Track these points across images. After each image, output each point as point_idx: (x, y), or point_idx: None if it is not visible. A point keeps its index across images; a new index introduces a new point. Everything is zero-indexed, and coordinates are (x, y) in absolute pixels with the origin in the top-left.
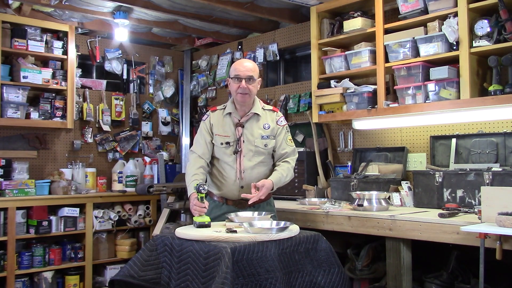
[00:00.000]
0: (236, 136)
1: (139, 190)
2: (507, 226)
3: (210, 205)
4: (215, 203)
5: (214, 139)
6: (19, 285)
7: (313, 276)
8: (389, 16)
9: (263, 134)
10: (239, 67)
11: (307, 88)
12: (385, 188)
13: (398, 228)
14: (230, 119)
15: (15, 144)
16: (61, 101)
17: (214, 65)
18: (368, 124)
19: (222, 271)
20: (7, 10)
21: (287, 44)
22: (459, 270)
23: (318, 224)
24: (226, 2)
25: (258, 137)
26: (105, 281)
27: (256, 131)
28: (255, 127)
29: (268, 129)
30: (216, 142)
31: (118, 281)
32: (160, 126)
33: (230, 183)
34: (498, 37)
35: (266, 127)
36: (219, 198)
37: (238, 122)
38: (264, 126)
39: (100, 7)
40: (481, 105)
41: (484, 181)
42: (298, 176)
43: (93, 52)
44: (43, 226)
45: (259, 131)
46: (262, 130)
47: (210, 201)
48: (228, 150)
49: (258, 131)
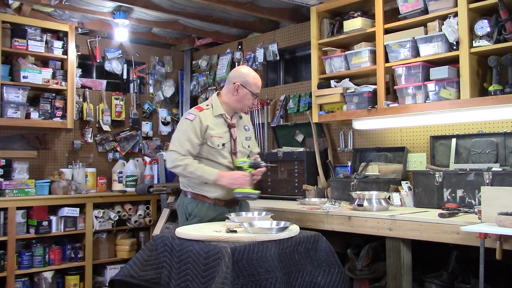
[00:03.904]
0: (232, 137)
1: (139, 190)
2: (507, 226)
3: (202, 208)
4: (207, 206)
5: (210, 141)
6: (19, 285)
7: (313, 276)
8: (389, 16)
9: (246, 136)
10: (259, 84)
11: (307, 88)
12: (385, 188)
13: (398, 228)
14: (222, 120)
15: (15, 144)
16: (61, 101)
17: (214, 65)
18: (368, 124)
19: (222, 271)
20: (7, 10)
21: (287, 44)
22: (459, 270)
23: (318, 224)
24: (226, 2)
25: (243, 138)
26: (105, 281)
27: (241, 133)
28: (240, 128)
29: (248, 130)
30: (212, 143)
31: (118, 281)
32: (160, 126)
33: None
34: (498, 37)
35: (246, 129)
36: (211, 200)
37: (230, 123)
38: (245, 127)
39: (100, 7)
40: (481, 105)
41: (484, 181)
42: (298, 176)
43: (93, 52)
44: (43, 226)
45: (243, 132)
46: (245, 131)
47: (201, 205)
48: (224, 151)
49: (243, 133)
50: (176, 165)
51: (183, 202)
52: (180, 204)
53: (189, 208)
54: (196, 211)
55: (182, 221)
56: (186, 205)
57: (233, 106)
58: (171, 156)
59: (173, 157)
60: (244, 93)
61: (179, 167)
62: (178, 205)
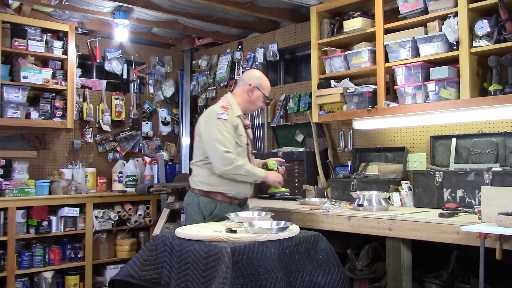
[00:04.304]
0: (249, 137)
1: (139, 190)
2: (507, 226)
3: (221, 207)
4: (224, 205)
5: (240, 140)
6: (19, 285)
7: (313, 276)
8: (389, 16)
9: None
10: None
11: (307, 88)
12: (385, 188)
13: (398, 228)
14: (240, 120)
15: (15, 144)
16: (61, 101)
17: (214, 65)
18: (368, 124)
19: (222, 271)
20: (7, 10)
21: (287, 44)
22: (459, 270)
23: (318, 224)
24: (226, 2)
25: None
26: (105, 281)
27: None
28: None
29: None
30: (241, 142)
31: (118, 281)
32: (160, 126)
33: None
34: (498, 37)
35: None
36: (228, 199)
37: (246, 124)
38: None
39: (100, 7)
40: (481, 105)
41: (484, 181)
42: (298, 176)
43: (93, 52)
44: (43, 226)
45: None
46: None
47: (219, 204)
48: (247, 150)
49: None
50: (235, 166)
51: (197, 202)
52: (192, 203)
53: (209, 208)
54: (216, 211)
55: (193, 220)
56: (205, 204)
57: (245, 107)
58: (229, 156)
59: (231, 157)
60: (258, 95)
61: (237, 167)
62: (189, 204)
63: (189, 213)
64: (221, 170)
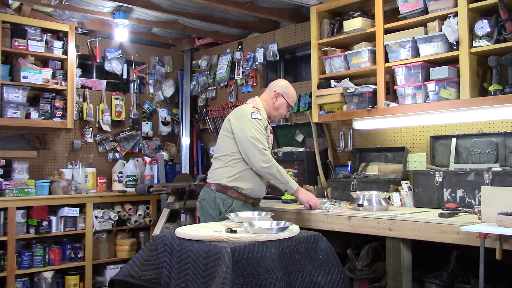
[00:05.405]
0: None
1: (139, 190)
2: (507, 226)
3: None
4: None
5: (267, 140)
6: (19, 285)
7: (313, 276)
8: (389, 16)
9: None
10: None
11: (307, 88)
12: (385, 188)
13: (398, 228)
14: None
15: (15, 144)
16: (61, 101)
17: (214, 65)
18: (368, 124)
19: (222, 271)
20: (7, 10)
21: (287, 44)
22: (459, 270)
23: (318, 224)
24: (226, 2)
25: None
26: (105, 281)
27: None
28: None
29: None
30: (268, 144)
31: (118, 281)
32: (160, 126)
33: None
34: (498, 37)
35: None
36: (242, 196)
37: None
38: None
39: (100, 7)
40: (481, 105)
41: (484, 181)
42: (298, 176)
43: (93, 52)
44: (43, 226)
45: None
46: None
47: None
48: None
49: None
50: (274, 166)
51: (214, 197)
52: (208, 198)
53: (226, 203)
54: (233, 207)
55: (208, 215)
56: (223, 200)
57: (269, 112)
58: (268, 154)
59: (270, 157)
60: (281, 102)
61: (276, 168)
62: (205, 199)
63: (204, 208)
64: (259, 165)
